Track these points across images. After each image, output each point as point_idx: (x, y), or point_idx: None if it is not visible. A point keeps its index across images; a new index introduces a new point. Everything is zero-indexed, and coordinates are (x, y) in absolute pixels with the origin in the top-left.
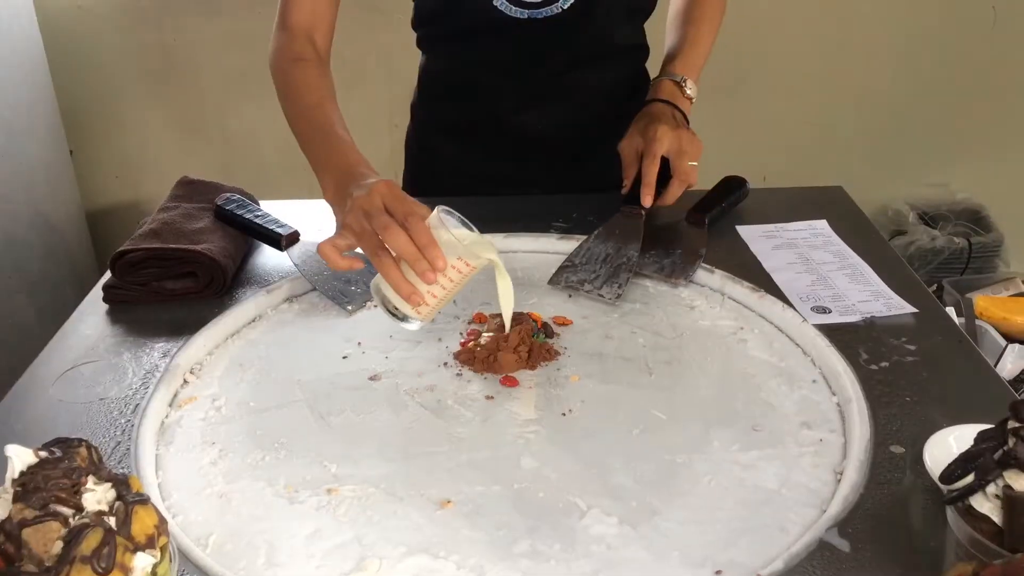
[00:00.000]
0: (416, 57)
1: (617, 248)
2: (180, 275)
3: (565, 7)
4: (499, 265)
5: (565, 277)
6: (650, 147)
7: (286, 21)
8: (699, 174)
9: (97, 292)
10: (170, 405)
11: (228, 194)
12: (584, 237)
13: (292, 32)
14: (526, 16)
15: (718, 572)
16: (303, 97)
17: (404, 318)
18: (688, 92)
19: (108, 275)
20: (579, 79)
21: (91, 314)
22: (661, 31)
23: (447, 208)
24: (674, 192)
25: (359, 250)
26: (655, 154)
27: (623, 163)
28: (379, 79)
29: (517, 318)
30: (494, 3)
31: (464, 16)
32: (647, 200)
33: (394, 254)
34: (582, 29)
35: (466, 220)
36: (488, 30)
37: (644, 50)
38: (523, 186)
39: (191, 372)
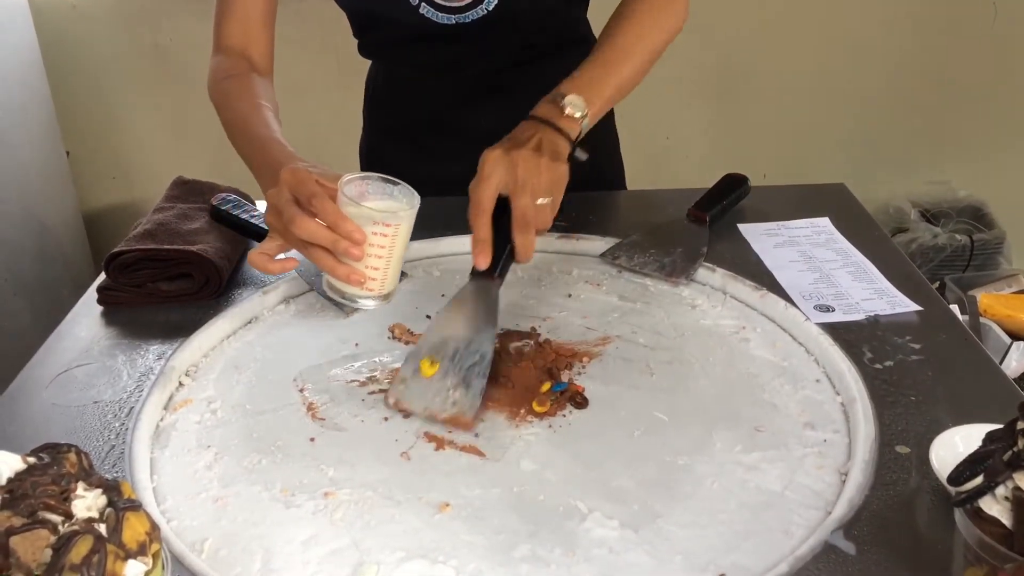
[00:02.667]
0: None
1: (467, 341)
2: (175, 276)
3: (490, 8)
4: (409, 217)
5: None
6: (474, 192)
7: (219, 43)
8: (701, 172)
9: (91, 294)
10: (165, 408)
11: (224, 194)
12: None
13: (225, 53)
14: (453, 22)
15: None
16: (233, 110)
17: (355, 300)
18: (569, 110)
19: (102, 276)
20: (520, 77)
21: (85, 316)
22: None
23: (354, 176)
24: (519, 244)
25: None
26: (479, 201)
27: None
28: None
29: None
30: (421, 12)
31: (394, 27)
32: (478, 261)
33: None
34: (514, 28)
35: (387, 176)
36: (420, 38)
37: (590, 42)
38: None
39: (186, 375)
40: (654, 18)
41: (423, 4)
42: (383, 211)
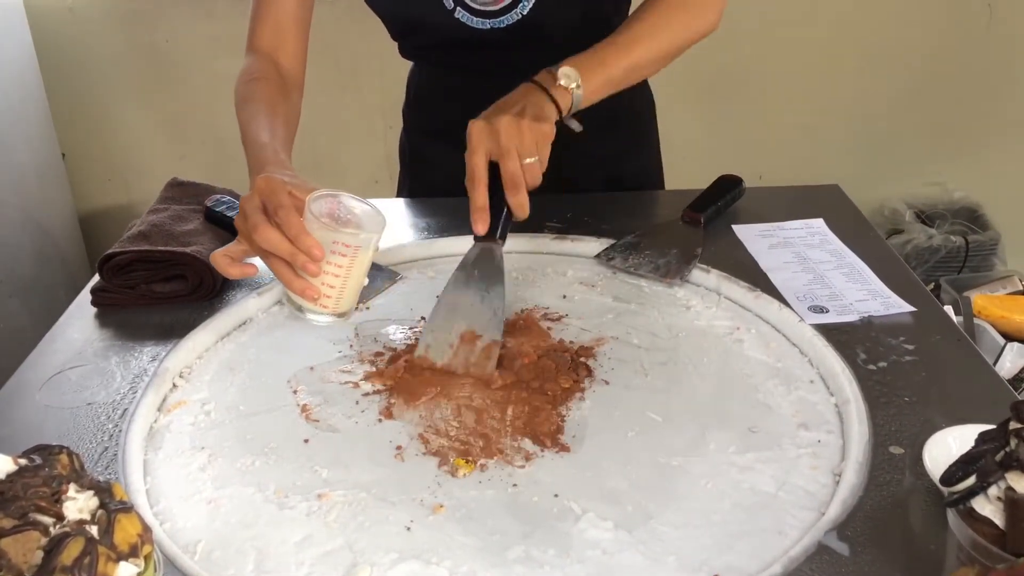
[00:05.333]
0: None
1: (481, 299)
2: (169, 278)
3: (524, 12)
4: (371, 241)
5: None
6: (468, 163)
7: (251, 44)
8: (696, 173)
9: (85, 295)
10: (159, 410)
11: (218, 195)
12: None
13: (256, 55)
14: (488, 27)
15: None
16: (244, 114)
17: (308, 314)
18: (562, 81)
19: (96, 278)
20: None
21: (79, 318)
22: None
23: (325, 192)
24: (513, 203)
25: None
26: (472, 171)
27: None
28: (373, 82)
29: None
30: (456, 16)
31: (431, 31)
32: (477, 228)
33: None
34: (549, 31)
35: (361, 198)
36: (458, 42)
37: None
38: None
39: (180, 376)
40: (677, 12)
41: (458, 8)
42: (345, 232)
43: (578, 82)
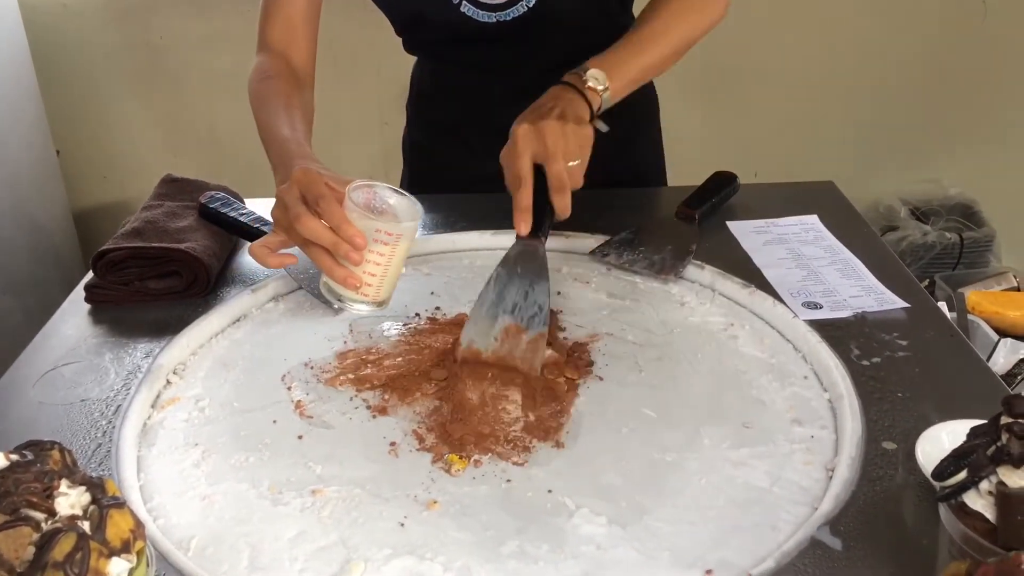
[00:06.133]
0: (405, 55)
1: (524, 295)
2: (163, 274)
3: (530, 5)
4: (412, 229)
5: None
6: (512, 165)
7: (262, 43)
8: (691, 170)
9: (79, 292)
10: (152, 406)
11: (212, 192)
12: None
13: (267, 52)
14: (494, 20)
15: (709, 572)
16: (262, 111)
17: (349, 303)
18: (591, 83)
19: (90, 275)
20: (564, 74)
21: (73, 314)
22: None
23: (362, 183)
24: (558, 205)
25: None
26: (517, 171)
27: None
28: (369, 78)
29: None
30: (461, 10)
31: (437, 26)
32: (521, 229)
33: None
34: (556, 27)
35: (396, 188)
36: (464, 36)
37: None
38: None
39: (174, 372)
40: (689, 6)
41: (464, 2)
42: (387, 220)
43: (606, 84)
